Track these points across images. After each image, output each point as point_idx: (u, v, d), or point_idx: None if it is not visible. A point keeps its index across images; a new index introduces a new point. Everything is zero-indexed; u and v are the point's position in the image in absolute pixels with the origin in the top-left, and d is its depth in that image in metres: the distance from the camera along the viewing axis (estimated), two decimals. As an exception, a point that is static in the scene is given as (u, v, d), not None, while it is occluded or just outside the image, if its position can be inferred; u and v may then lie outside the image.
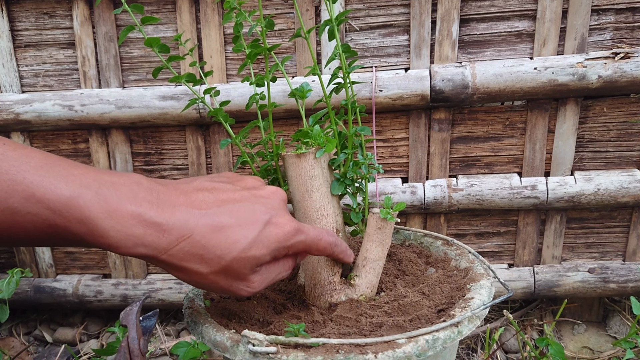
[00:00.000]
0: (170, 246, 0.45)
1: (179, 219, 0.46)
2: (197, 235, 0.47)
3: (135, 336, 0.55)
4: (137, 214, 0.44)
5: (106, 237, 0.42)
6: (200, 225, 0.47)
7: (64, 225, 0.41)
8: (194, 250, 0.47)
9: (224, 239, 0.48)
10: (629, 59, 0.96)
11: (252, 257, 0.50)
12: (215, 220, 0.48)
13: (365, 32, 1.04)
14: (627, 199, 1.02)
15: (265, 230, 0.51)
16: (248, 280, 0.52)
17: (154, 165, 1.15)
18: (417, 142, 1.07)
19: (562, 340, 1.13)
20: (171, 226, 0.45)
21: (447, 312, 0.63)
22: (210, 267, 0.48)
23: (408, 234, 0.90)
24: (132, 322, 0.56)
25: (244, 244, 0.49)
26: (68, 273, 1.24)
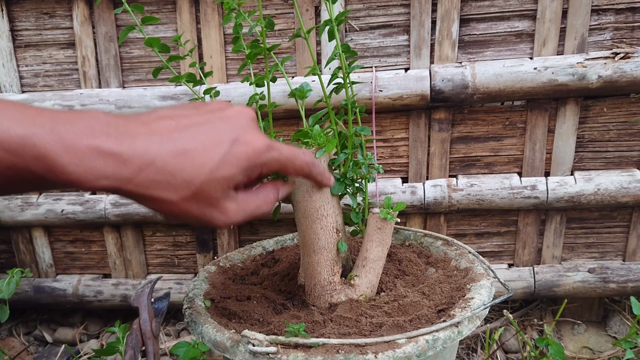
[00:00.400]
0: (133, 175, 0.44)
1: (139, 147, 0.44)
2: (160, 161, 0.45)
3: (147, 318, 0.55)
4: (95, 146, 0.42)
5: (66, 173, 0.41)
6: (163, 151, 0.45)
7: (23, 165, 0.40)
8: (159, 177, 0.45)
9: (189, 162, 0.46)
10: (629, 59, 0.96)
11: (222, 178, 0.47)
12: (178, 145, 0.46)
13: (365, 32, 1.04)
14: (627, 199, 1.02)
15: (233, 149, 0.48)
16: (222, 207, 0.49)
17: (154, 165, 1.15)
18: (417, 142, 1.07)
19: (562, 340, 1.13)
20: (131, 155, 0.44)
21: (447, 312, 0.63)
22: (180, 194, 0.46)
23: (408, 234, 0.90)
24: (143, 303, 0.55)
25: (210, 165, 0.47)
26: (68, 273, 1.24)
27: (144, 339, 0.53)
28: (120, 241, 1.20)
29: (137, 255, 1.20)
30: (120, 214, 1.14)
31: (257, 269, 0.87)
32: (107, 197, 1.15)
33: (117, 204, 1.14)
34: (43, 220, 1.17)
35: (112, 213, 1.14)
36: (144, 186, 0.44)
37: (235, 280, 0.83)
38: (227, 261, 0.87)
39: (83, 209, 1.15)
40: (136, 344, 0.53)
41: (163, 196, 0.46)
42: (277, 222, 1.16)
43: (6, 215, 1.17)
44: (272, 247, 0.95)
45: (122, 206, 1.14)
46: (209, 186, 0.47)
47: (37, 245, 1.22)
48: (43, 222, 1.17)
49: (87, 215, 1.15)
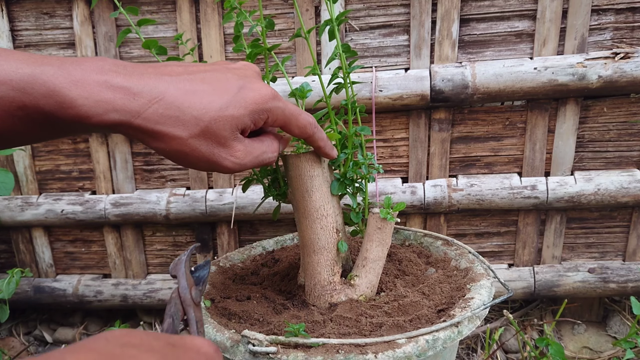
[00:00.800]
0: (142, 108, 0.43)
1: (148, 83, 0.44)
2: (170, 97, 0.45)
3: (185, 285, 0.54)
4: (104, 80, 0.42)
5: (75, 107, 0.41)
6: (172, 88, 0.45)
7: (32, 103, 0.40)
8: (168, 112, 0.45)
9: (198, 100, 0.46)
10: (629, 59, 0.96)
11: (231, 117, 0.48)
12: (187, 85, 0.46)
13: (365, 32, 1.04)
14: (627, 199, 1.02)
15: (241, 92, 0.49)
16: (231, 147, 0.49)
17: (154, 165, 1.15)
18: (417, 142, 1.07)
19: (562, 340, 1.13)
20: (141, 89, 0.44)
21: (447, 312, 0.63)
22: (189, 130, 0.46)
23: (408, 234, 0.90)
24: (181, 271, 0.55)
25: (220, 103, 0.47)
26: (68, 273, 1.24)
27: (184, 307, 0.53)
28: (120, 241, 1.20)
29: (137, 255, 1.20)
30: (120, 214, 1.14)
31: (257, 269, 0.87)
32: (107, 197, 1.15)
33: (117, 204, 1.14)
34: (43, 220, 1.17)
35: (112, 213, 1.14)
36: (153, 121, 0.44)
37: (235, 280, 0.83)
38: (227, 261, 0.87)
39: (83, 209, 1.15)
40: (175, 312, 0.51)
41: (172, 132, 0.45)
42: (277, 222, 1.16)
43: (6, 215, 1.17)
44: (272, 247, 0.95)
45: (122, 206, 1.14)
46: (217, 124, 0.47)
47: (37, 245, 1.22)
48: (43, 222, 1.17)
49: (87, 215, 1.15)
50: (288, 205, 0.71)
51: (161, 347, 0.36)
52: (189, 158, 0.48)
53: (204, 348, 0.40)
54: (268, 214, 1.10)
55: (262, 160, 0.53)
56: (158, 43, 0.71)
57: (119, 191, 1.16)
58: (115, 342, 0.34)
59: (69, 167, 1.17)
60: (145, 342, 0.35)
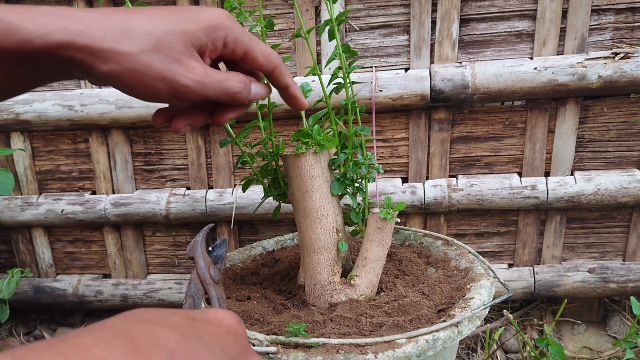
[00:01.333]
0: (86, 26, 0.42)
1: (92, 11, 0.44)
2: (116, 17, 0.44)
3: (203, 265, 0.54)
4: (48, 9, 0.42)
5: (18, 32, 0.40)
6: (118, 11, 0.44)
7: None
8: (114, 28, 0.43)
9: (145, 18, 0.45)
10: (629, 59, 0.96)
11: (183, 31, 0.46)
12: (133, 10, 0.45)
13: (365, 32, 1.04)
14: (627, 199, 1.02)
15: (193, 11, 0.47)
16: (187, 65, 0.46)
17: (154, 165, 1.15)
18: (417, 142, 1.07)
19: (562, 340, 1.13)
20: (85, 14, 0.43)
21: (447, 312, 0.63)
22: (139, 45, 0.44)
23: (408, 234, 0.90)
24: (198, 252, 0.55)
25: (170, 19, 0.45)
26: (68, 273, 1.24)
27: (205, 286, 0.53)
28: (120, 241, 1.20)
29: (137, 255, 1.20)
30: (120, 214, 1.14)
31: (257, 269, 0.87)
32: (107, 197, 1.15)
33: (117, 204, 1.14)
34: (43, 220, 1.17)
35: (112, 213, 1.14)
36: (99, 38, 0.42)
37: (235, 280, 0.83)
38: (227, 261, 0.87)
39: (83, 209, 1.15)
40: (196, 292, 0.52)
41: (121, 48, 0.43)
42: (277, 222, 1.16)
43: (6, 215, 1.17)
44: (272, 247, 0.95)
45: (122, 206, 1.14)
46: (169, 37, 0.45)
47: (37, 245, 1.22)
48: (43, 222, 1.17)
49: (87, 215, 1.15)
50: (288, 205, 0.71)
51: (179, 321, 0.34)
52: (145, 78, 0.45)
53: (226, 320, 0.38)
54: (268, 214, 1.10)
55: (226, 87, 0.49)
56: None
57: (119, 191, 1.16)
58: (132, 318, 0.33)
59: (69, 167, 1.17)
60: (162, 318, 0.34)
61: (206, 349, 0.31)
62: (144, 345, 0.29)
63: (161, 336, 0.30)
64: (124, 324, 0.32)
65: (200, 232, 0.58)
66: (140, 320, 0.33)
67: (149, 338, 0.30)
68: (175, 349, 0.29)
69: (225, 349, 0.34)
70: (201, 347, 0.31)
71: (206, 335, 0.33)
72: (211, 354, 0.31)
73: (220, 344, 0.34)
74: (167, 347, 0.29)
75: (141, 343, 0.29)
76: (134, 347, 0.28)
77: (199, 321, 0.35)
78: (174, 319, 0.34)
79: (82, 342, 0.27)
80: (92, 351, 0.27)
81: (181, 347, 0.30)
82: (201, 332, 0.34)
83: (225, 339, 0.35)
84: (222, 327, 0.36)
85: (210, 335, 0.34)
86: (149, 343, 0.29)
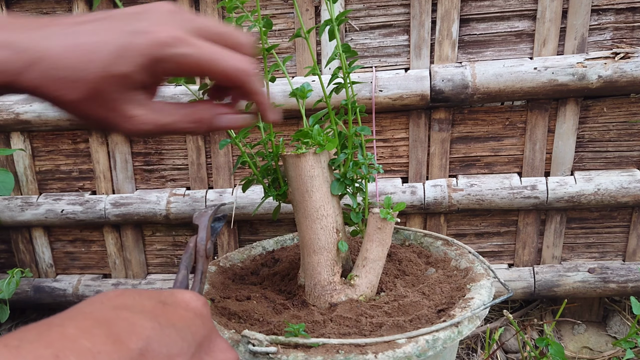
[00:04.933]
0: (24, 69, 0.39)
1: (33, 38, 0.40)
2: (53, 54, 0.40)
3: (204, 237, 0.54)
4: None
5: None
6: (56, 44, 0.40)
7: None
8: (52, 71, 0.40)
9: (81, 54, 0.40)
10: (629, 59, 0.96)
11: (117, 75, 0.40)
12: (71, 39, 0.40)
13: (365, 32, 1.04)
14: (627, 199, 1.02)
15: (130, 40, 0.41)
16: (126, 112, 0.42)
17: (154, 165, 1.15)
18: (417, 142, 1.07)
19: (562, 340, 1.13)
20: (25, 46, 0.39)
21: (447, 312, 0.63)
22: (77, 93, 0.41)
23: (408, 234, 0.90)
24: (204, 223, 0.55)
25: (102, 58, 0.40)
26: (68, 273, 1.24)
27: (197, 257, 0.53)
28: (120, 241, 1.20)
29: (137, 255, 1.20)
30: (120, 214, 1.14)
31: (257, 268, 0.87)
32: (107, 197, 1.15)
33: (117, 204, 1.14)
34: (43, 220, 1.17)
35: (112, 213, 1.14)
36: (38, 82, 0.40)
37: (235, 280, 0.83)
38: (227, 261, 0.87)
39: (83, 209, 1.15)
40: (189, 264, 0.52)
41: (61, 95, 0.41)
42: (277, 222, 1.16)
43: (6, 215, 1.17)
44: (272, 247, 0.95)
45: (122, 206, 1.14)
46: (103, 84, 0.41)
47: (37, 245, 1.22)
48: (43, 222, 1.17)
49: (87, 215, 1.15)
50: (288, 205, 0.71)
51: (152, 306, 0.36)
52: (91, 121, 0.43)
53: (192, 303, 0.40)
54: (268, 214, 1.10)
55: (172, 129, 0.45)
56: (158, 43, 0.71)
57: (119, 191, 1.16)
58: (109, 304, 0.35)
59: (69, 167, 1.17)
60: (137, 303, 0.36)
61: (178, 335, 0.35)
62: (122, 333, 0.31)
63: (138, 324, 0.33)
64: (102, 311, 0.34)
65: (212, 206, 0.58)
66: (117, 306, 0.35)
67: (127, 326, 0.32)
68: (150, 336, 0.32)
69: (194, 334, 0.36)
70: (174, 334, 0.34)
71: (178, 321, 0.36)
72: (183, 340, 0.35)
73: (191, 328, 0.37)
74: (143, 334, 0.32)
75: (120, 332, 0.32)
76: (114, 337, 0.31)
77: (170, 305, 0.38)
78: (147, 303, 0.36)
79: (68, 333, 0.30)
80: (79, 343, 0.29)
81: (156, 334, 0.33)
82: (173, 317, 0.36)
83: (194, 323, 0.38)
84: (190, 310, 0.39)
85: (181, 321, 0.36)
86: (127, 332, 0.32)
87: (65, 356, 0.28)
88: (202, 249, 0.54)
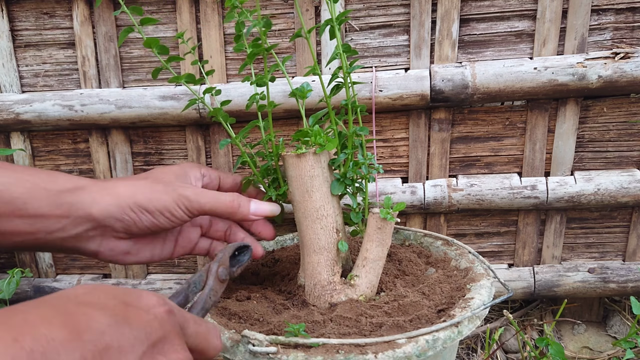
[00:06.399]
0: None
1: None
2: None
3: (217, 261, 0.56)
4: None
5: None
6: None
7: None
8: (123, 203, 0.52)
9: None
10: (629, 59, 0.96)
11: None
12: None
13: (365, 32, 1.04)
14: (627, 199, 1.02)
15: None
16: None
17: (154, 165, 1.15)
18: (417, 142, 1.07)
19: (562, 340, 1.13)
20: None
21: (447, 312, 0.63)
22: None
23: (408, 234, 0.90)
24: (224, 252, 0.57)
25: None
26: (68, 273, 1.24)
27: (208, 275, 0.55)
28: (120, 241, 1.20)
29: (137, 255, 1.20)
30: (120, 214, 1.14)
31: (257, 269, 0.87)
32: (107, 197, 1.15)
33: (117, 204, 1.14)
34: (43, 220, 1.17)
35: (112, 213, 1.14)
36: None
37: (236, 280, 0.83)
38: (227, 261, 0.87)
39: (83, 209, 1.15)
40: (196, 280, 0.53)
41: None
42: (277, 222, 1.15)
43: (6, 215, 1.17)
44: (272, 247, 0.95)
45: (122, 206, 1.14)
46: None
47: (37, 245, 1.22)
48: (43, 222, 1.17)
49: (87, 215, 1.15)
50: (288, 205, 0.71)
51: (114, 305, 0.40)
52: None
53: (155, 308, 0.42)
54: (268, 214, 1.10)
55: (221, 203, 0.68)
56: (159, 42, 0.71)
57: (119, 191, 1.16)
58: (75, 299, 0.39)
59: (69, 167, 1.17)
60: (101, 301, 0.40)
61: (132, 333, 0.38)
62: (79, 325, 0.35)
63: (95, 319, 0.36)
64: (67, 305, 0.37)
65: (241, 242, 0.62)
66: (81, 302, 0.39)
67: (85, 320, 0.36)
68: (105, 331, 0.36)
69: (148, 334, 0.39)
70: (127, 331, 0.38)
71: (135, 321, 0.39)
72: (135, 338, 0.38)
73: (145, 329, 0.40)
74: (98, 329, 0.36)
75: (78, 324, 0.35)
76: (71, 327, 0.34)
77: (132, 306, 0.41)
78: (110, 302, 0.40)
79: (29, 320, 0.33)
80: (37, 329, 0.33)
81: (111, 329, 0.36)
82: (131, 317, 0.39)
83: (150, 324, 0.40)
84: (151, 313, 0.41)
85: (138, 321, 0.39)
86: (84, 324, 0.35)
87: (22, 339, 0.31)
88: (214, 271, 0.55)
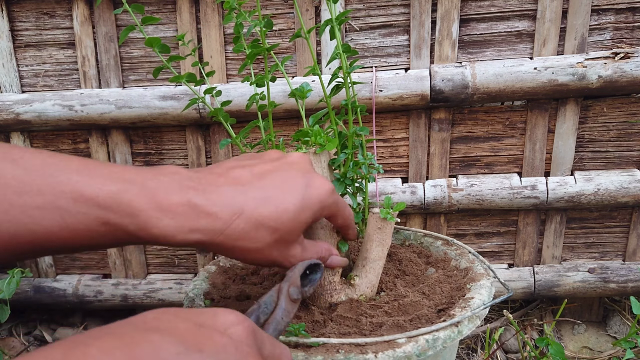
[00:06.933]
0: (225, 226, 0.45)
1: (227, 197, 0.46)
2: (248, 209, 0.46)
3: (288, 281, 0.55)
4: (186, 201, 0.44)
5: (159, 228, 0.42)
6: (249, 199, 0.47)
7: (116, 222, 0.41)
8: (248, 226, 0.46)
9: (274, 209, 0.47)
10: (629, 59, 0.96)
11: (301, 223, 0.50)
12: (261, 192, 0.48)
13: (365, 32, 1.04)
14: (627, 199, 1.02)
15: (307, 193, 0.50)
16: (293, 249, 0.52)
17: (154, 165, 1.15)
18: (417, 142, 1.07)
19: (562, 340, 1.13)
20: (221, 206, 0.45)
21: (447, 312, 0.63)
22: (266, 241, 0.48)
23: (408, 234, 0.90)
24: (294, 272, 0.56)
25: (292, 209, 0.48)
26: (68, 273, 1.24)
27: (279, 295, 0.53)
28: (120, 241, 1.19)
29: (137, 255, 1.20)
30: (120, 214, 1.14)
31: (257, 269, 0.87)
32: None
33: (117, 204, 1.14)
34: (43, 220, 1.17)
35: (112, 213, 1.14)
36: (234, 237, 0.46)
37: (236, 280, 0.83)
38: (228, 261, 0.87)
39: (83, 209, 1.15)
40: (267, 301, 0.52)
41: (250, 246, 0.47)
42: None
43: (6, 215, 1.17)
44: (272, 247, 0.94)
45: (122, 206, 1.14)
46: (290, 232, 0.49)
47: (37, 245, 1.22)
48: (43, 222, 1.17)
49: (87, 215, 1.15)
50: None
51: (185, 329, 0.35)
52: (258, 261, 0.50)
53: (232, 327, 0.37)
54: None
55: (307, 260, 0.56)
56: (161, 41, 0.71)
57: (119, 191, 1.16)
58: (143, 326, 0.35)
59: (69, 167, 1.17)
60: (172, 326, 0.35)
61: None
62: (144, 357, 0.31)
63: (163, 348, 0.32)
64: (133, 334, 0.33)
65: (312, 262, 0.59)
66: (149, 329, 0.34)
67: (150, 350, 0.32)
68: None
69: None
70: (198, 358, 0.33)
71: (207, 347, 0.34)
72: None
73: (219, 355, 0.35)
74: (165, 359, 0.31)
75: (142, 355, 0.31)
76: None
77: (205, 328, 0.36)
78: (182, 326, 0.35)
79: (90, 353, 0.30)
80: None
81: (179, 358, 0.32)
82: (203, 342, 0.35)
83: (225, 349, 0.36)
84: (226, 335, 0.37)
85: (211, 347, 0.35)
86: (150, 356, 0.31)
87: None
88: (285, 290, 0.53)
